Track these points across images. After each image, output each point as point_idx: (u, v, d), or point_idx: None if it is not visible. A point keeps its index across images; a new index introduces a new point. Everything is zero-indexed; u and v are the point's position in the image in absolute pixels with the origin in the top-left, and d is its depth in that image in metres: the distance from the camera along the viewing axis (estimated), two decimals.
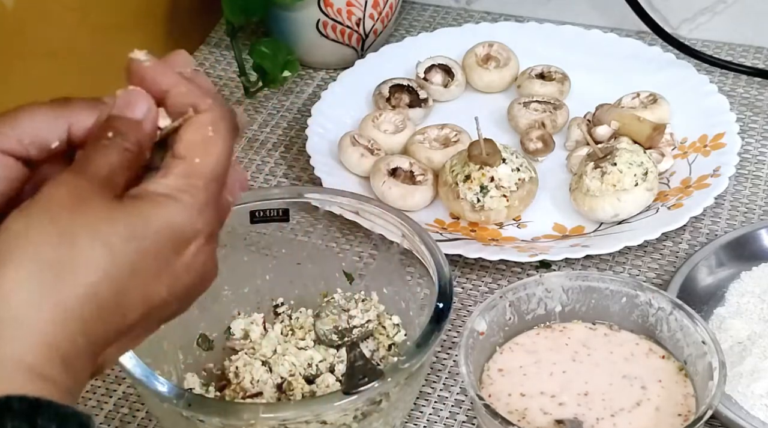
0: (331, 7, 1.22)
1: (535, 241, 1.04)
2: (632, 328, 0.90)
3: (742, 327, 0.93)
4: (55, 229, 0.54)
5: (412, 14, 1.36)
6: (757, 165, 1.14)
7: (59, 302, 0.54)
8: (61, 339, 0.54)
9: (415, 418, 0.91)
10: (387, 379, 0.79)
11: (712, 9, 1.28)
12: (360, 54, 1.26)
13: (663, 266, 1.03)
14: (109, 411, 0.92)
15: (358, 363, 0.83)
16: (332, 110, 1.18)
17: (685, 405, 0.84)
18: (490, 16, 1.34)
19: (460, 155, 1.06)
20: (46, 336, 0.53)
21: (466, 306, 1.00)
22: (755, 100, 1.21)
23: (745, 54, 1.28)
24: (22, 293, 0.53)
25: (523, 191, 1.04)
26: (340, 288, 0.94)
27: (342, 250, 0.96)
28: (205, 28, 1.34)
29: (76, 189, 0.56)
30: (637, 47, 1.24)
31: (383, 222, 0.92)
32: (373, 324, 0.91)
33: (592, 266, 1.03)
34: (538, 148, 1.12)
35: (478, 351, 0.86)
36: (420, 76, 1.20)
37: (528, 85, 1.19)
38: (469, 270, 1.03)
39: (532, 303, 0.90)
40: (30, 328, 0.53)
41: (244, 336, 0.93)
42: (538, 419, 0.84)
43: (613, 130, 1.11)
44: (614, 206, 1.03)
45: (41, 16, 1.04)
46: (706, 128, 1.13)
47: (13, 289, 0.53)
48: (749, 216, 1.08)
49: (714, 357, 0.83)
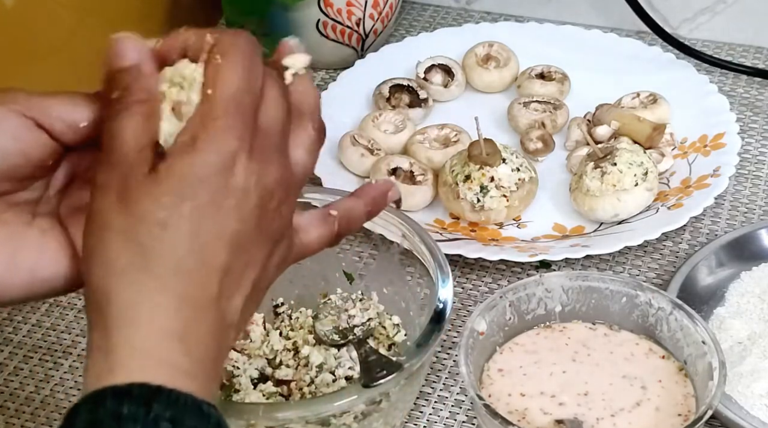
0: (331, 7, 1.22)
1: (535, 241, 1.04)
2: (632, 328, 0.90)
3: (742, 327, 0.93)
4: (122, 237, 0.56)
5: (412, 14, 1.36)
6: (757, 165, 1.14)
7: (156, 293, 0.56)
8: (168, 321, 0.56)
9: (415, 418, 0.91)
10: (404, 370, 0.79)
11: (712, 9, 1.28)
12: (360, 54, 1.26)
13: (663, 266, 1.03)
14: None
15: (372, 357, 0.83)
16: (332, 110, 1.17)
17: (685, 405, 0.84)
18: (490, 16, 1.34)
19: (460, 155, 1.06)
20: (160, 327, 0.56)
21: (466, 306, 1.00)
22: (755, 100, 1.21)
23: (745, 54, 1.28)
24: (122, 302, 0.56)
25: (523, 191, 1.04)
26: (340, 288, 0.94)
27: (342, 250, 0.96)
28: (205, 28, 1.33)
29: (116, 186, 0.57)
30: (637, 47, 1.24)
31: (383, 222, 0.92)
32: (375, 321, 0.91)
33: (592, 266, 1.03)
34: (538, 148, 1.12)
35: (478, 351, 0.86)
36: (420, 76, 1.20)
37: (528, 85, 1.18)
38: (469, 270, 1.03)
39: (532, 303, 0.90)
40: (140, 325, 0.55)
41: (244, 336, 0.93)
42: (538, 419, 0.84)
43: (613, 130, 1.11)
44: (614, 206, 1.03)
45: (41, 15, 1.04)
46: (706, 128, 1.13)
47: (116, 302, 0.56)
48: (749, 216, 1.08)
49: (714, 357, 0.83)
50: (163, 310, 0.56)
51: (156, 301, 0.56)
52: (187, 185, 0.57)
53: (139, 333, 0.56)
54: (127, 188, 0.57)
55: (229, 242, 0.58)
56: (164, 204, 0.56)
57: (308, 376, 0.88)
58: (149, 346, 0.55)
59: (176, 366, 0.56)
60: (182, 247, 0.57)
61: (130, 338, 0.55)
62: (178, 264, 0.57)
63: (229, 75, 0.59)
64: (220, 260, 0.58)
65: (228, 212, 0.58)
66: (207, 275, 0.57)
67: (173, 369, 0.55)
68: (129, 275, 0.56)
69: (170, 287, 0.56)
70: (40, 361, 0.97)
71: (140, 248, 0.56)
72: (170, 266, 0.56)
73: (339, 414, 0.80)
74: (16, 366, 0.96)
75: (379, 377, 0.79)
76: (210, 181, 0.57)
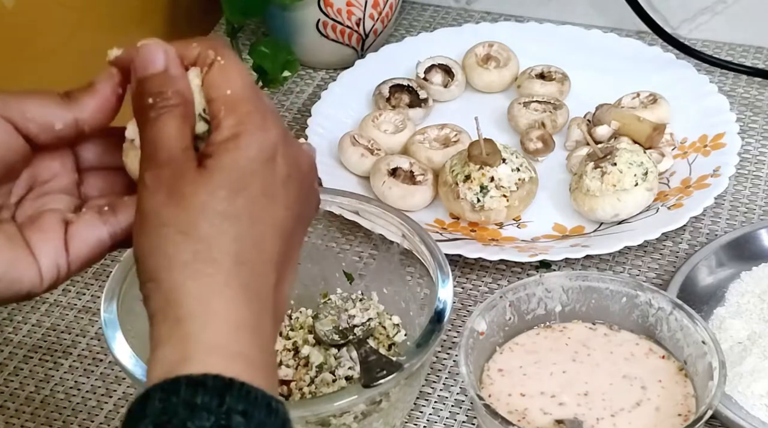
0: (331, 7, 1.22)
1: (535, 241, 1.04)
2: (632, 328, 0.90)
3: (742, 327, 0.93)
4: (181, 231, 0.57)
5: (412, 14, 1.36)
6: (757, 165, 1.14)
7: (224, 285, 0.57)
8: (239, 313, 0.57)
9: (415, 418, 0.91)
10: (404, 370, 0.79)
11: (712, 9, 1.28)
12: (360, 54, 1.26)
13: (663, 266, 1.03)
14: (109, 411, 0.93)
15: (372, 357, 0.83)
16: (332, 110, 1.18)
17: (685, 405, 0.84)
18: (490, 16, 1.34)
19: (460, 155, 1.06)
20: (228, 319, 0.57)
21: (466, 306, 1.00)
22: (755, 100, 1.21)
23: (745, 54, 1.28)
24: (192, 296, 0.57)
25: (523, 191, 1.04)
26: (340, 288, 0.94)
27: (342, 250, 0.96)
28: (205, 28, 1.33)
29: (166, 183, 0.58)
30: (637, 47, 1.24)
31: (383, 222, 0.92)
32: (375, 321, 0.91)
33: (592, 266, 1.03)
34: (538, 148, 1.12)
35: (478, 351, 0.86)
36: (420, 76, 1.20)
37: (528, 85, 1.18)
38: (469, 270, 1.03)
39: (532, 303, 0.90)
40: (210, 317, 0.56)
41: None
42: (538, 419, 0.84)
43: (613, 130, 1.11)
44: (614, 206, 1.03)
45: (41, 16, 1.04)
46: (706, 128, 1.13)
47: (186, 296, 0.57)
48: (749, 216, 1.08)
49: (714, 357, 0.83)
50: (233, 302, 0.57)
51: (226, 293, 0.57)
52: (239, 178, 0.58)
53: (213, 326, 0.56)
54: (179, 184, 0.58)
55: (280, 229, 0.60)
56: (222, 196, 0.58)
57: (308, 376, 0.88)
58: (223, 339, 0.56)
59: (249, 358, 0.57)
60: (243, 238, 0.58)
61: (204, 330, 0.56)
62: (240, 255, 0.58)
63: (238, 73, 0.61)
64: (275, 248, 0.60)
65: (276, 200, 0.60)
66: (265, 265, 0.59)
67: (246, 361, 0.56)
68: (194, 267, 0.57)
69: (236, 279, 0.58)
70: (40, 361, 0.97)
71: (202, 241, 0.57)
72: (233, 257, 0.58)
73: (339, 414, 0.80)
74: (16, 366, 0.96)
75: (379, 377, 0.79)
76: (258, 172, 0.59)
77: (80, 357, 0.97)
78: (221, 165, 0.59)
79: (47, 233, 0.63)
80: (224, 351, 0.56)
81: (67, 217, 0.64)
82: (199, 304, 0.57)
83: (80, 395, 0.94)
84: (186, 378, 0.54)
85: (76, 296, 1.02)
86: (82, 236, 0.63)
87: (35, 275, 0.62)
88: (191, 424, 0.53)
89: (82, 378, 0.95)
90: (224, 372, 0.55)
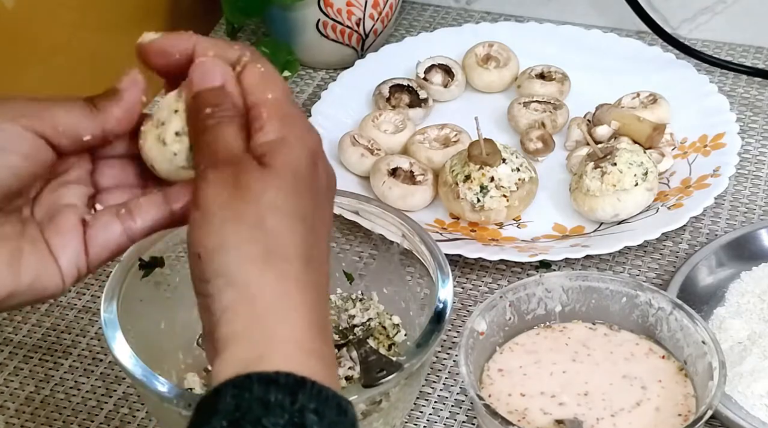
0: (331, 7, 1.22)
1: (535, 241, 1.04)
2: (632, 328, 0.90)
3: (742, 327, 0.93)
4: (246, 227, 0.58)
5: (412, 14, 1.36)
6: (757, 165, 1.14)
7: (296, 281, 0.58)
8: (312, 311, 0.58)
9: (415, 418, 0.91)
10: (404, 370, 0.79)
11: (712, 9, 1.28)
12: (360, 54, 1.26)
13: (663, 266, 1.03)
14: (109, 411, 0.93)
15: (372, 357, 0.82)
16: (332, 110, 1.18)
17: (685, 405, 0.84)
18: (490, 16, 1.34)
19: (460, 155, 1.06)
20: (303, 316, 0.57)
21: (466, 306, 1.00)
22: (755, 100, 1.21)
23: (745, 54, 1.28)
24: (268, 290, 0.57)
25: (523, 191, 1.04)
26: (340, 288, 0.94)
27: (342, 250, 0.96)
28: (205, 28, 1.33)
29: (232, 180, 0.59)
30: (637, 47, 1.24)
31: (383, 222, 0.92)
32: (375, 321, 0.91)
33: (592, 266, 1.03)
34: (538, 148, 1.12)
35: (478, 351, 0.86)
36: (420, 76, 1.20)
37: (528, 85, 1.18)
38: (469, 270, 1.03)
39: (532, 303, 0.90)
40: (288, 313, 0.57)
41: None
42: (538, 419, 0.84)
43: (613, 130, 1.11)
44: (614, 206, 1.03)
45: (41, 16, 1.04)
46: (706, 128, 1.13)
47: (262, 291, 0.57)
48: (749, 216, 1.08)
49: (714, 357, 0.83)
50: (308, 299, 0.58)
51: (299, 290, 0.58)
52: (297, 179, 0.60)
53: (291, 322, 0.57)
54: (246, 180, 0.59)
55: (328, 227, 0.62)
56: (287, 195, 0.59)
57: None
58: (300, 335, 0.57)
59: (323, 355, 0.57)
60: (308, 237, 0.59)
61: (283, 326, 0.57)
62: (307, 253, 0.59)
63: (278, 79, 0.64)
64: (327, 246, 0.61)
65: (324, 199, 0.62)
66: (324, 263, 0.61)
67: (320, 358, 0.57)
68: (269, 262, 0.58)
69: (307, 276, 0.58)
70: (40, 361, 0.97)
71: (274, 237, 0.58)
72: (303, 255, 0.59)
73: None
74: (16, 366, 0.96)
75: (379, 377, 0.79)
76: (310, 173, 0.61)
77: (80, 357, 0.97)
78: (281, 165, 0.60)
79: (67, 236, 0.63)
80: (302, 347, 0.56)
81: (85, 217, 0.64)
82: (278, 299, 0.57)
83: (80, 395, 0.94)
84: (258, 375, 0.54)
85: (76, 296, 1.02)
86: (100, 240, 0.64)
87: (58, 278, 0.63)
88: (266, 421, 0.53)
89: (82, 378, 0.95)
90: (301, 367, 0.55)
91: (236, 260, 0.58)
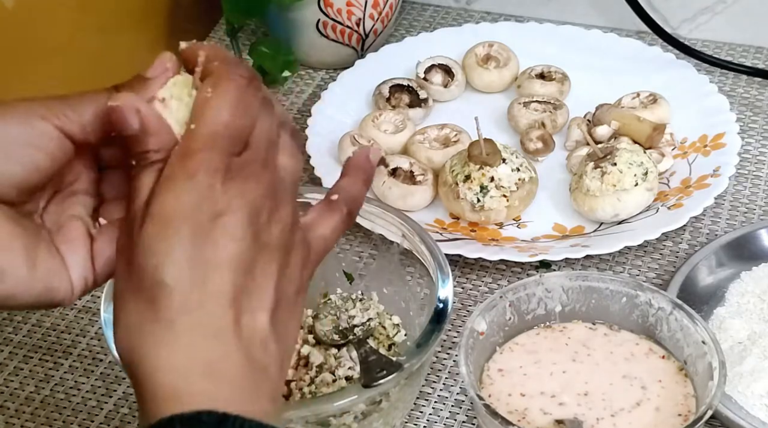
0: (331, 7, 1.22)
1: (535, 241, 1.04)
2: (632, 328, 0.90)
3: (742, 327, 0.93)
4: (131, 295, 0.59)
5: (412, 14, 1.36)
6: (757, 165, 1.14)
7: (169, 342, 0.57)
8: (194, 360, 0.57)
9: (415, 418, 0.91)
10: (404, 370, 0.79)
11: (712, 9, 1.28)
12: (360, 54, 1.26)
13: (663, 266, 1.03)
14: (109, 411, 0.93)
15: (372, 357, 0.83)
16: (332, 110, 1.18)
17: (685, 405, 0.84)
18: (490, 16, 1.34)
19: (460, 155, 1.06)
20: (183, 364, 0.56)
21: (466, 306, 1.00)
22: (755, 100, 1.21)
23: (745, 54, 1.28)
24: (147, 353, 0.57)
25: (523, 191, 1.04)
26: (340, 288, 0.94)
27: (342, 250, 0.96)
28: (205, 28, 1.34)
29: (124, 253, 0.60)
30: (637, 47, 1.24)
31: (383, 222, 0.92)
32: (375, 321, 0.91)
33: (592, 266, 1.03)
34: (538, 148, 1.12)
35: (478, 351, 0.86)
36: (420, 76, 1.20)
37: (528, 85, 1.18)
38: (469, 270, 1.03)
39: (532, 303, 0.90)
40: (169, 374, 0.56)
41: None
42: (538, 419, 0.84)
43: (613, 130, 1.11)
44: (614, 206, 1.03)
45: (41, 16, 1.04)
46: (706, 128, 1.13)
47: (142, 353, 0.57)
48: (749, 216, 1.08)
49: (714, 357, 0.83)
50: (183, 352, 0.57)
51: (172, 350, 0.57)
52: (172, 225, 0.58)
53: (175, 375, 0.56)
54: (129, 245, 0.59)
55: (229, 265, 0.58)
56: (157, 250, 0.57)
57: (308, 376, 0.88)
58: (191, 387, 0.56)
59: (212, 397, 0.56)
60: (184, 285, 0.57)
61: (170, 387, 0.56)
62: (185, 303, 0.57)
63: (215, 112, 0.59)
64: (226, 284, 0.58)
65: (218, 238, 0.58)
66: (217, 304, 0.58)
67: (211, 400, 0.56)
68: (143, 329, 0.57)
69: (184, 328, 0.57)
70: (40, 361, 0.97)
71: (147, 301, 0.57)
72: (178, 306, 0.57)
73: (339, 414, 0.80)
74: (16, 366, 0.97)
75: (379, 377, 0.79)
76: (193, 216, 0.58)
77: (80, 357, 0.97)
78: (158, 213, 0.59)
79: (75, 247, 0.63)
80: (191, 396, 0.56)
81: (91, 230, 0.64)
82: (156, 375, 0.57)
83: (80, 395, 0.94)
84: (180, 417, 0.54)
85: None
86: (106, 254, 0.63)
87: (68, 285, 0.63)
88: None
89: (82, 378, 0.95)
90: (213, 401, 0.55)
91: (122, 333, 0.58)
